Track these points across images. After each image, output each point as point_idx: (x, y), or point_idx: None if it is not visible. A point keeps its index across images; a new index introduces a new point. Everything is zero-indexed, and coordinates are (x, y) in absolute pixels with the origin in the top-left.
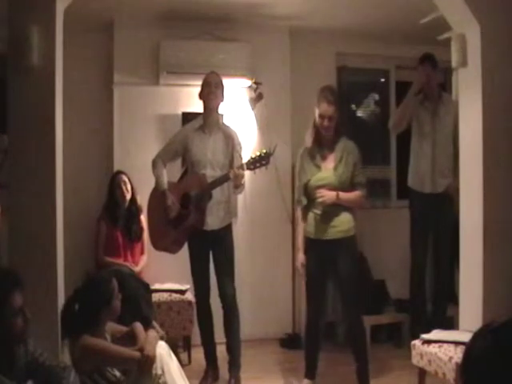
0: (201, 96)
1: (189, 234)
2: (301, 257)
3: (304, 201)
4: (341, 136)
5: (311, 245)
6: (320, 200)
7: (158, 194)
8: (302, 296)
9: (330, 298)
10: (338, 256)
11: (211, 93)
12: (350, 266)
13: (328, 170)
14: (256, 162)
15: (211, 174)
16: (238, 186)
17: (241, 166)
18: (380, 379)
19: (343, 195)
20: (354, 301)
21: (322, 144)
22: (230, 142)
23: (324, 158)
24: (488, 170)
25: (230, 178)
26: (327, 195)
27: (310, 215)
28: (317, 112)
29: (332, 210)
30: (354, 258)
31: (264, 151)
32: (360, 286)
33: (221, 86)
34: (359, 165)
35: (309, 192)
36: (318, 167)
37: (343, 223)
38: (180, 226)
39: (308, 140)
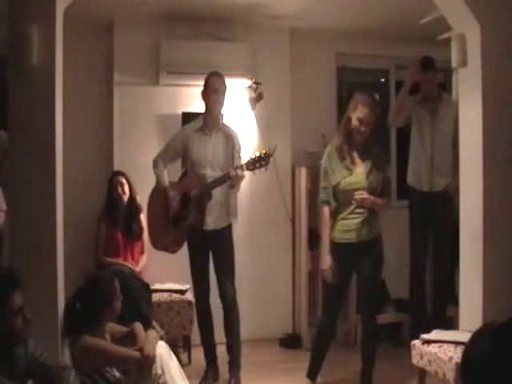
0: (204, 97)
1: (189, 234)
2: (329, 259)
3: (333, 203)
4: (371, 141)
5: (337, 249)
6: (358, 199)
7: (157, 194)
8: (301, 296)
9: None
10: (364, 256)
11: (217, 100)
12: (375, 265)
13: (359, 174)
14: (256, 163)
15: (211, 174)
16: (234, 186)
17: (240, 167)
18: (380, 379)
19: (379, 201)
20: (373, 300)
21: (352, 146)
22: (230, 143)
23: (354, 162)
24: (488, 169)
25: (231, 177)
26: (369, 198)
27: (338, 219)
28: (354, 115)
29: (360, 213)
30: (379, 256)
31: (264, 152)
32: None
33: (225, 89)
34: (386, 172)
35: (337, 194)
36: (349, 170)
37: (371, 224)
38: (180, 226)
39: (337, 140)
